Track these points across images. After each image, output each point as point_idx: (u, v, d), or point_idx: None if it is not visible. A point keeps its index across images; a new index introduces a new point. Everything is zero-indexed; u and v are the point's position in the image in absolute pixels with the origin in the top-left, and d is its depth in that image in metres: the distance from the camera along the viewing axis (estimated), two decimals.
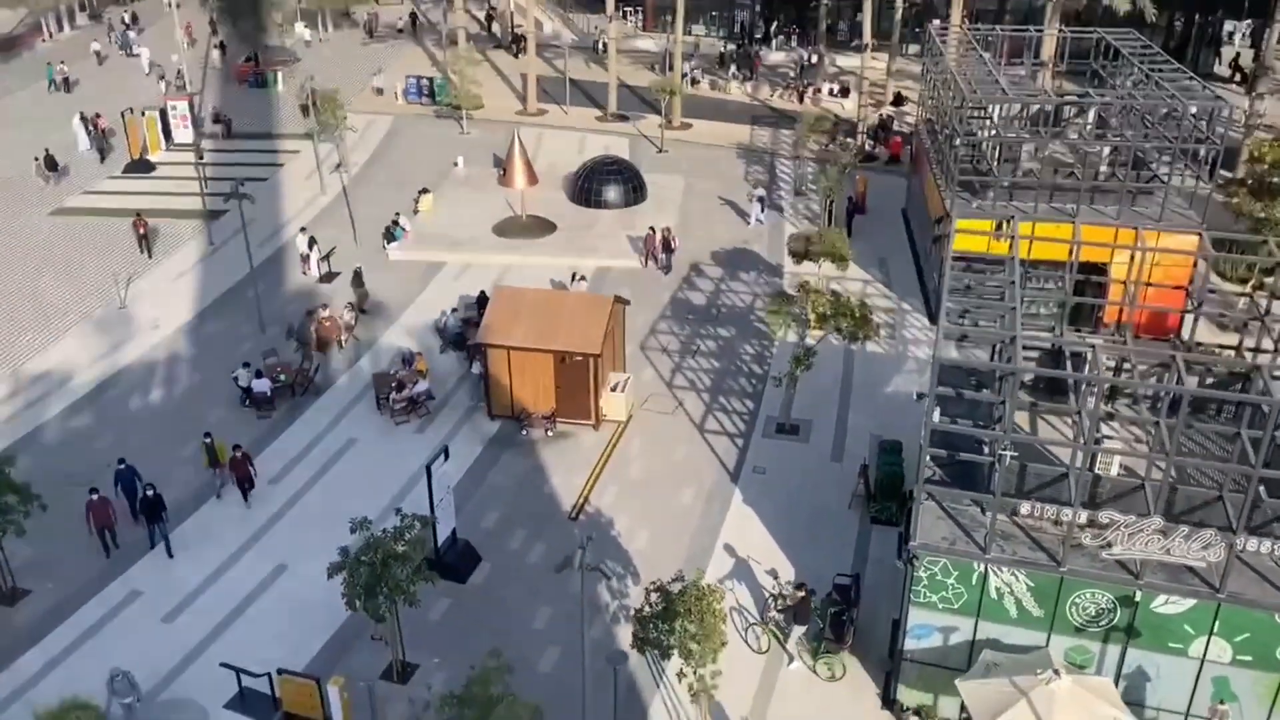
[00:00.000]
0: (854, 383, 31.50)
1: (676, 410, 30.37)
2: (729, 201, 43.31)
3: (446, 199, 43.89)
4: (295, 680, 20.65)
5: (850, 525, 25.74)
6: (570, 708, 20.58)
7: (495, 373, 29.30)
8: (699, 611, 18.18)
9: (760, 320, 34.89)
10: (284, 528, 26.07)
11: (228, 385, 31.25)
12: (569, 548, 25.05)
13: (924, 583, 19.40)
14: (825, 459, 28.25)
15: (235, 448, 26.51)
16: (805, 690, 21.42)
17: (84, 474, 27.59)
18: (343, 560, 20.48)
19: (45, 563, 24.82)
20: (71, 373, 32.39)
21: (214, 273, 38.50)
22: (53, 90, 57.40)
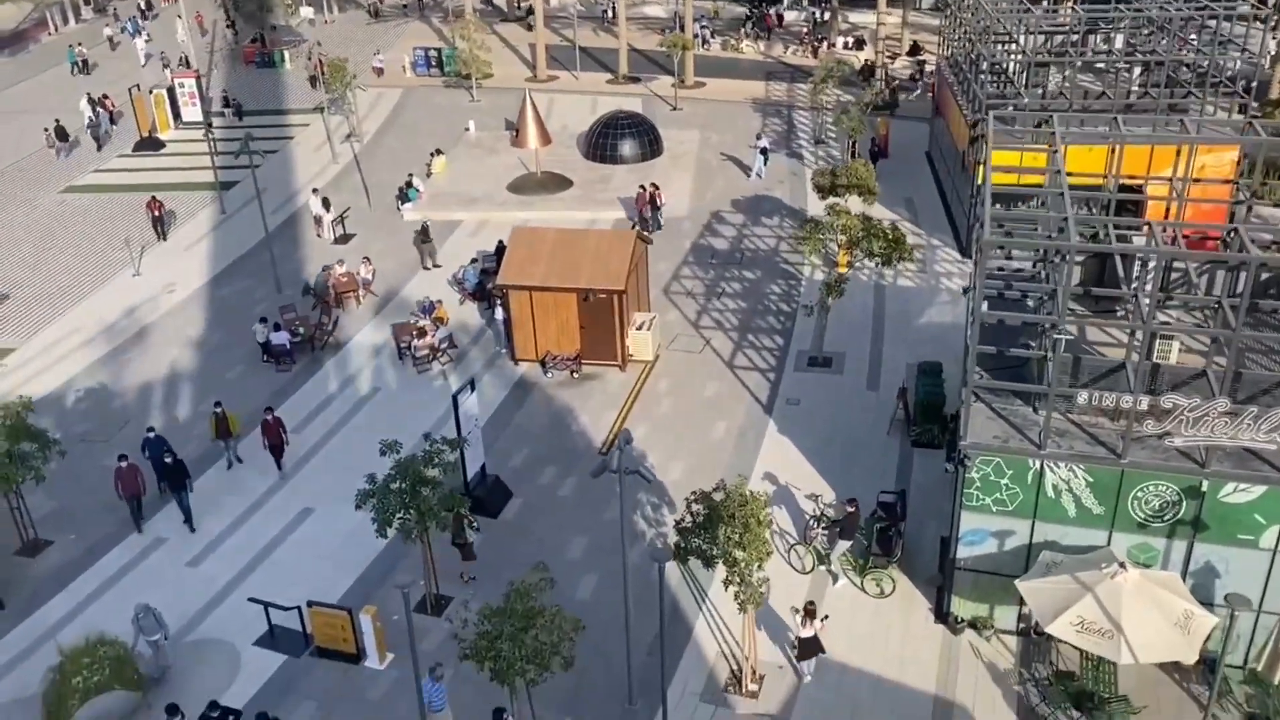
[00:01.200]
0: (886, 315, 30.66)
1: (704, 349, 29.57)
2: (752, 149, 42.39)
3: (459, 160, 43.27)
4: (326, 612, 19.96)
5: (890, 450, 24.90)
6: (611, 629, 19.88)
7: (517, 316, 28.56)
8: (742, 518, 17.37)
9: (786, 261, 34.12)
10: (309, 474, 25.43)
11: (246, 343, 30.66)
12: (601, 480, 24.59)
13: (976, 485, 18.55)
14: (860, 389, 27.42)
15: (267, 410, 25.17)
16: (853, 608, 20.60)
17: (100, 432, 27.28)
18: (371, 487, 19.78)
19: (65, 516, 24.32)
20: (87, 336, 31.86)
21: (227, 239, 37.94)
22: (75, 73, 57.29)
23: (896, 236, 26.43)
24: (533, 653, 16.44)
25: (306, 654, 20.23)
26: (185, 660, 20.03)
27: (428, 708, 17.48)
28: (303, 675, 19.79)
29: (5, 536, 23.04)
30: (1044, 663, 19.00)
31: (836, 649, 19.66)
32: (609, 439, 26.05)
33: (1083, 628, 16.64)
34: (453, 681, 19.41)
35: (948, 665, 19.21)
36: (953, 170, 36.40)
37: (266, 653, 20.28)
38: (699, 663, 19.62)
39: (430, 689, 17.55)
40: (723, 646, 19.95)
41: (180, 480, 23.54)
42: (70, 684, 18.28)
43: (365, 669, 19.86)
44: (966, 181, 33.25)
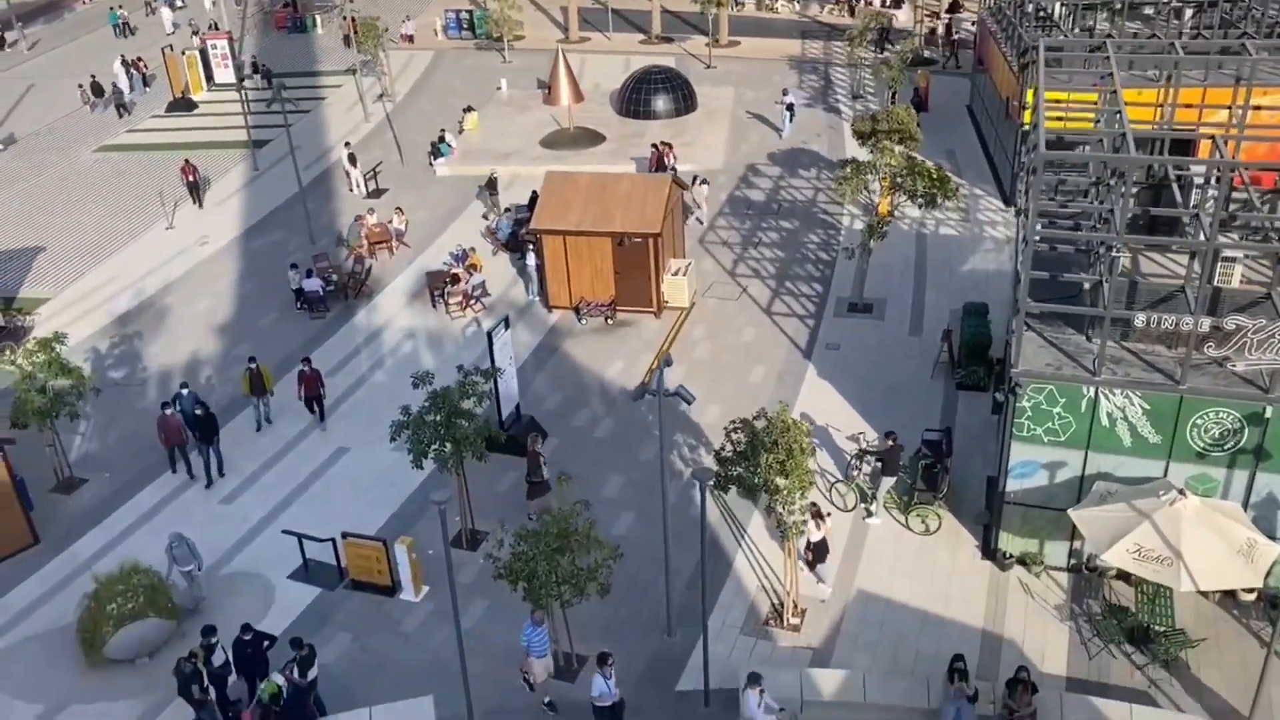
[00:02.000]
0: (928, 264, 30.00)
1: (741, 296, 29.05)
2: (777, 105, 41.64)
3: (491, 118, 42.86)
4: (361, 543, 19.70)
5: (934, 393, 24.30)
6: (649, 564, 19.54)
7: (551, 262, 28.14)
8: (785, 444, 16.88)
9: (825, 211, 33.48)
10: (342, 417, 25.19)
11: (279, 292, 30.51)
12: (637, 422, 24.25)
13: (1027, 414, 17.94)
14: (902, 334, 26.81)
15: (305, 361, 24.60)
16: (898, 545, 20.10)
17: (134, 377, 27.22)
18: (406, 419, 19.47)
19: (100, 456, 24.26)
20: (121, 286, 31.81)
21: (260, 194, 37.77)
22: (117, 35, 57.62)
23: (940, 176, 25.74)
24: (568, 575, 16.11)
25: (341, 587, 20.00)
26: (218, 592, 19.86)
27: (527, 652, 16.91)
28: (337, 607, 19.56)
29: (42, 474, 22.96)
30: (1096, 599, 18.42)
31: (879, 584, 19.21)
32: (645, 379, 25.66)
33: (1140, 555, 16.05)
34: (487, 612, 19.17)
35: (996, 600, 18.67)
36: (996, 121, 35.57)
37: (300, 585, 20.08)
38: (739, 597, 19.20)
39: (531, 633, 16.85)
40: (763, 581, 19.52)
41: (211, 432, 22.91)
42: (105, 610, 18.13)
43: (400, 601, 19.61)
44: (1011, 130, 32.46)
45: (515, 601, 19.07)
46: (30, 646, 19.17)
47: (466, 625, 16.43)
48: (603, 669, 15.98)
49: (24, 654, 19.03)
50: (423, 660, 18.32)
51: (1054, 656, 17.47)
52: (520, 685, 17.65)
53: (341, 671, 18.09)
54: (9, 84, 51.87)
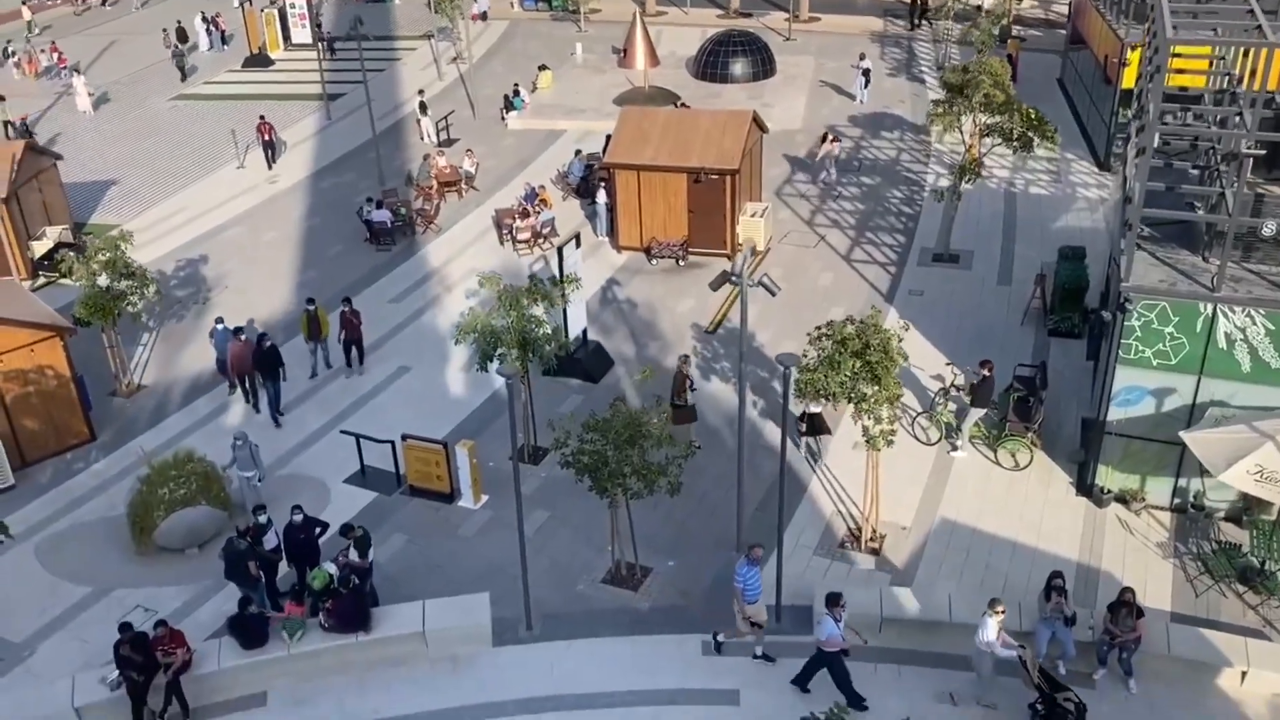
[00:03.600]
0: (1018, 220, 28.73)
1: (819, 244, 28.00)
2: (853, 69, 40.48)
3: (565, 78, 42.32)
4: (420, 446, 18.97)
5: (1024, 339, 23.02)
6: (717, 486, 18.61)
7: (623, 199, 27.32)
8: (879, 343, 15.82)
9: (908, 170, 32.32)
10: (404, 340, 24.63)
11: (347, 226, 30.13)
12: (708, 354, 23.32)
13: (1136, 334, 16.68)
14: (991, 283, 25.58)
15: (345, 301, 23.11)
16: (985, 479, 18.89)
17: (198, 296, 26.93)
18: (472, 319, 18.73)
19: (160, 365, 23.92)
20: (188, 217, 31.67)
21: (332, 140, 37.58)
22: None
23: (1039, 117, 24.52)
24: (639, 468, 15.19)
25: (398, 493, 19.30)
26: (273, 491, 19.19)
27: (740, 596, 14.86)
28: (393, 511, 18.86)
29: (102, 378, 22.64)
30: (1204, 539, 17.03)
31: (964, 514, 18.05)
32: (717, 319, 24.77)
33: (1262, 476, 14.73)
34: (548, 523, 18.31)
35: (1092, 535, 17.40)
36: (1091, 87, 34.18)
37: (357, 490, 19.45)
38: (813, 520, 18.16)
39: (745, 573, 14.78)
40: (839, 507, 18.44)
41: (273, 367, 21.49)
42: (156, 495, 17.63)
43: (458, 508, 18.85)
44: (1108, 97, 31.20)
45: (575, 512, 18.47)
46: (82, 533, 18.76)
47: (526, 533, 15.58)
48: (833, 610, 14.06)
49: (75, 540, 18.63)
50: (479, 565, 17.51)
51: (1157, 592, 16.15)
52: (583, 591, 16.79)
53: (395, 571, 17.36)
54: (112, 37, 52.53)
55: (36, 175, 28.55)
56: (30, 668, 15.95)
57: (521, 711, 14.69)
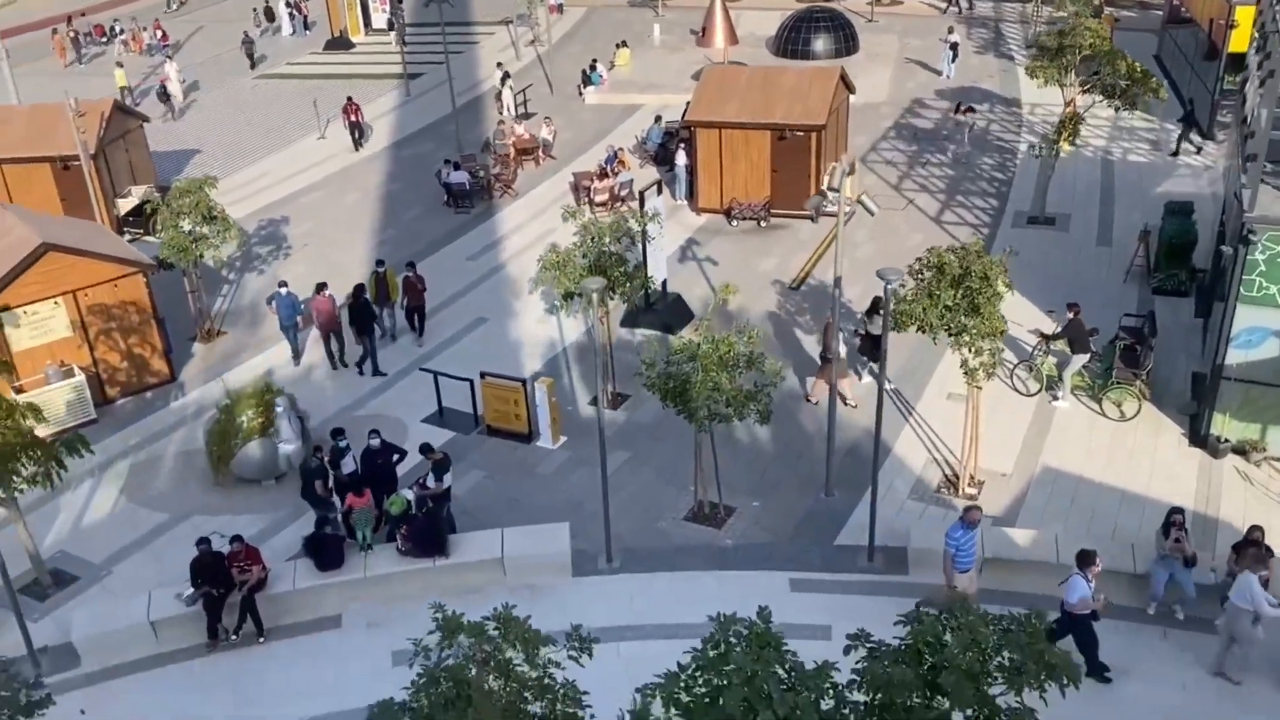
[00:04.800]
0: (1116, 185, 27.56)
1: (907, 207, 27.13)
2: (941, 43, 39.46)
3: (643, 57, 41.99)
4: (499, 384, 18.57)
5: (1128, 298, 21.92)
6: (806, 427, 17.91)
7: (704, 159, 26.75)
8: (980, 270, 15.00)
9: (1000, 139, 31.25)
10: (484, 291, 24.37)
11: (426, 190, 30.04)
12: (790, 311, 22.62)
13: (1260, 269, 15.63)
14: (1089, 245, 24.55)
15: (409, 265, 22.30)
16: (1089, 429, 17.90)
17: (278, 253, 27.00)
18: (555, 253, 18.32)
19: (239, 316, 23.94)
20: (270, 182, 31.87)
21: (410, 114, 37.70)
22: None
23: (1144, 71, 23.42)
24: (728, 393, 14.55)
25: (475, 433, 18.91)
26: (351, 431, 18.89)
27: (950, 561, 13.37)
28: (471, 449, 18.49)
29: (183, 324, 22.68)
30: None
31: (1069, 462, 17.08)
32: (801, 275, 24.06)
33: None
34: (627, 464, 17.75)
35: (1208, 486, 16.31)
36: (1194, 60, 32.87)
37: (434, 429, 19.08)
38: (906, 466, 17.36)
39: (960, 537, 13.28)
40: (933, 454, 17.60)
41: (367, 322, 20.90)
42: (235, 423, 17.45)
43: (536, 448, 18.40)
44: (1210, 70, 29.96)
45: (656, 455, 17.95)
46: (160, 464, 18.71)
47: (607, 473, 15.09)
48: (1085, 570, 12.69)
49: (154, 471, 18.59)
50: (557, 501, 17.00)
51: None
52: (664, 528, 16.21)
53: (472, 506, 16.94)
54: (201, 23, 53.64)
55: (124, 135, 28.91)
56: (107, 586, 15.84)
57: (605, 639, 14.06)
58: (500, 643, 8.25)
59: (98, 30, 49.62)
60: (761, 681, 7.50)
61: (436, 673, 8.12)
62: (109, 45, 48.36)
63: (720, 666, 7.87)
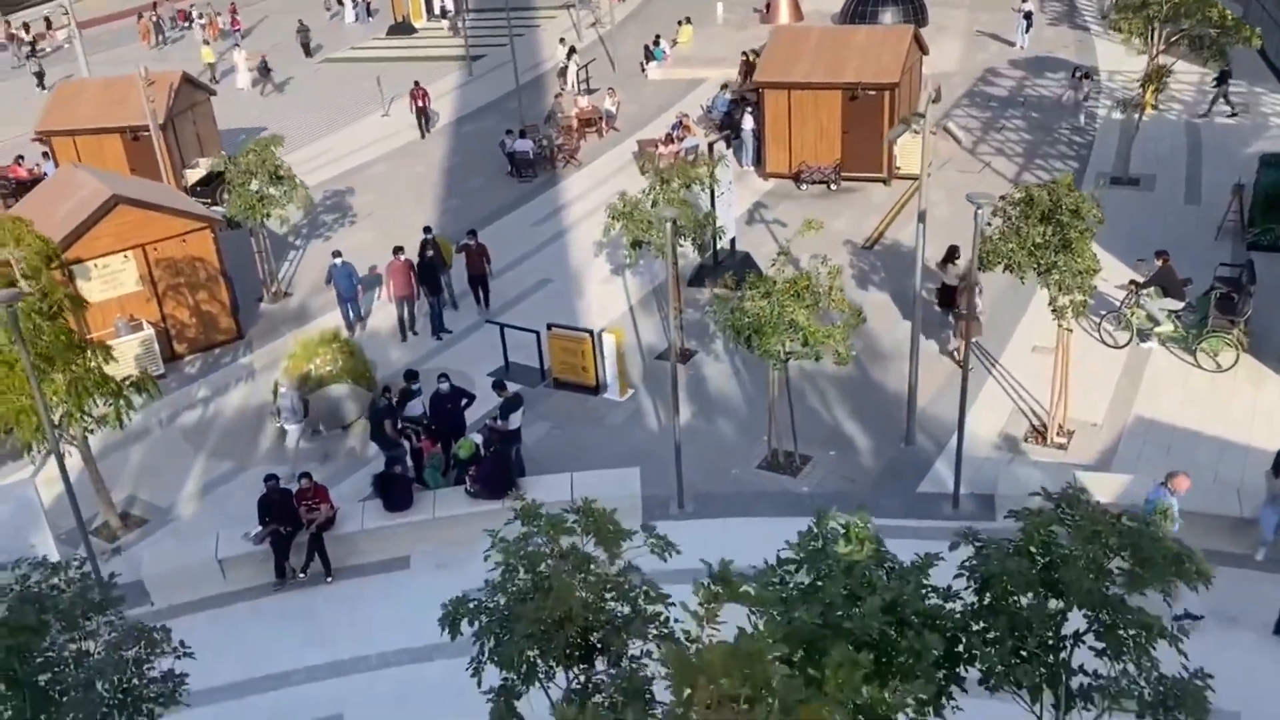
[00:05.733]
0: (1203, 146, 26.47)
1: (983, 170, 26.29)
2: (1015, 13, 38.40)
3: (706, 34, 41.51)
4: (566, 335, 18.24)
5: (1219, 254, 20.81)
6: (884, 377, 17.31)
7: (772, 120, 26.15)
8: (1071, 203, 14.30)
9: (1078, 104, 30.26)
10: (549, 254, 24.12)
11: (489, 162, 29.86)
12: (864, 270, 22.00)
13: None
14: (1177, 203, 23.56)
15: (469, 234, 21.43)
16: (1184, 379, 17.06)
17: (341, 221, 27.02)
18: (624, 201, 17.94)
19: (306, 279, 23.90)
20: (333, 156, 31.95)
21: (473, 92, 37.71)
22: None
23: (1236, 20, 22.41)
24: (808, 332, 14.01)
25: (542, 386, 18.57)
26: None
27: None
28: (537, 401, 18.11)
29: (250, 286, 22.69)
30: None
31: (1162, 411, 16.35)
32: (874, 236, 23.42)
33: None
34: (695, 417, 17.28)
35: None
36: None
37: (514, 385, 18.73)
38: (991, 415, 16.70)
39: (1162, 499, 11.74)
40: (1019, 404, 16.88)
41: (435, 279, 20.62)
42: (302, 370, 17.29)
43: (604, 400, 18.01)
44: None
45: (728, 407, 17.49)
46: (228, 416, 18.65)
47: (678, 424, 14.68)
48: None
49: (221, 422, 18.54)
50: (626, 450, 16.60)
51: None
52: (737, 476, 15.75)
53: (540, 455, 16.59)
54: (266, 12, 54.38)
55: (192, 107, 29.15)
56: (175, 529, 15.76)
57: (672, 581, 13.61)
58: (579, 532, 7.83)
59: (180, 15, 50.98)
60: (863, 569, 6.99)
61: (514, 560, 7.70)
62: (190, 29, 49.46)
63: (819, 561, 7.38)
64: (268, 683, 12.73)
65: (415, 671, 12.60)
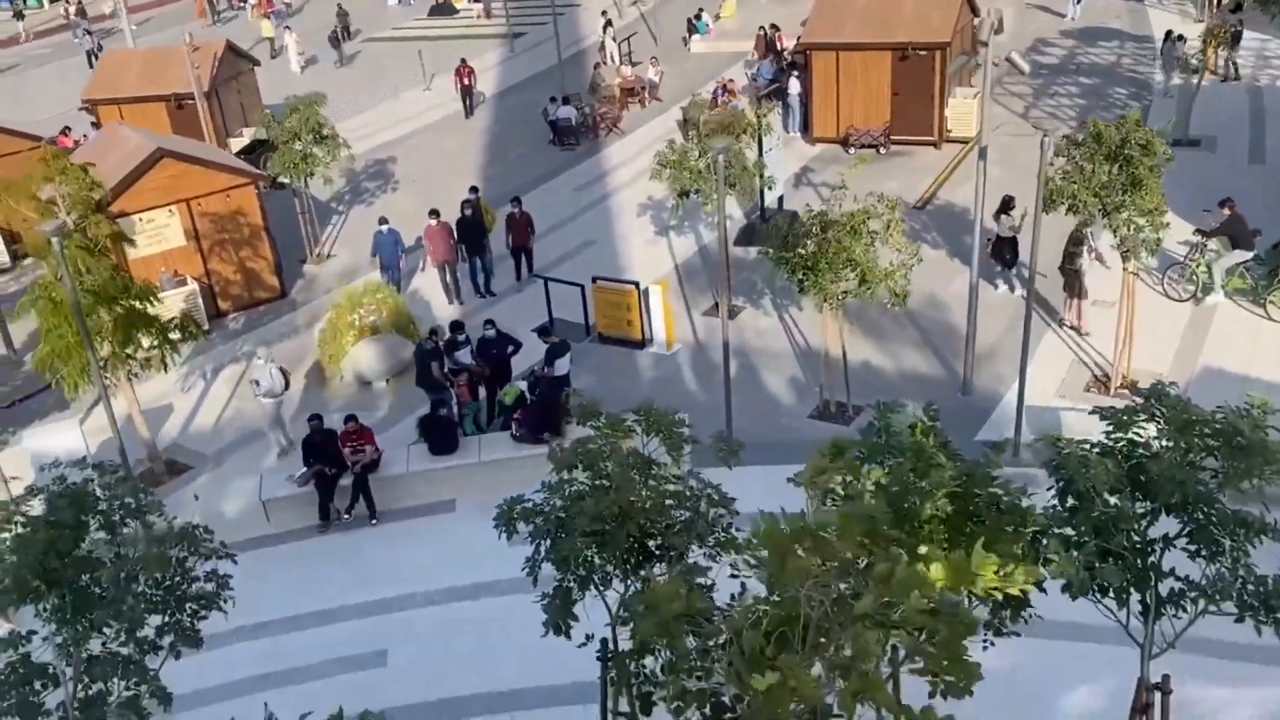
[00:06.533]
0: (1265, 110, 25.60)
1: (1035, 135, 25.60)
2: None
3: (749, 7, 41.00)
4: (611, 288, 17.95)
5: None
6: (934, 333, 16.81)
7: (819, 84, 25.66)
8: (1140, 139, 13.77)
9: (1133, 71, 29.47)
10: (591, 215, 23.85)
11: (531, 132, 29.67)
12: (916, 229, 21.49)
13: None
14: (1241, 163, 22.82)
15: (514, 201, 20.84)
16: (1254, 331, 16.44)
17: (383, 188, 26.91)
18: (672, 149, 17.61)
19: (349, 242, 23.79)
20: (376, 129, 31.87)
21: (515, 67, 37.55)
22: None
23: None
24: (865, 267, 13.61)
25: (587, 341, 18.28)
26: None
27: None
28: (583, 355, 17.83)
29: (293, 248, 22.61)
30: None
31: (1230, 363, 15.70)
32: (926, 195, 22.89)
33: None
34: (742, 371, 16.90)
35: None
36: None
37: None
38: (1051, 366, 16.21)
39: None
40: (1081, 355, 16.34)
41: (478, 241, 20.23)
42: (346, 319, 17.13)
43: (650, 353, 17.70)
44: None
45: (778, 359, 17.10)
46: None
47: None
48: None
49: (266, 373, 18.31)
50: (672, 403, 15.72)
51: None
52: (788, 425, 15.37)
53: None
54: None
55: (236, 76, 29.18)
56: (218, 475, 15.63)
57: None
58: (640, 433, 7.51)
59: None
60: (930, 455, 6.62)
61: (573, 459, 7.40)
62: (244, 8, 49.86)
63: (882, 455, 7.01)
64: (312, 620, 12.56)
65: (459, 610, 12.37)
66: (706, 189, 17.14)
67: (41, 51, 47.15)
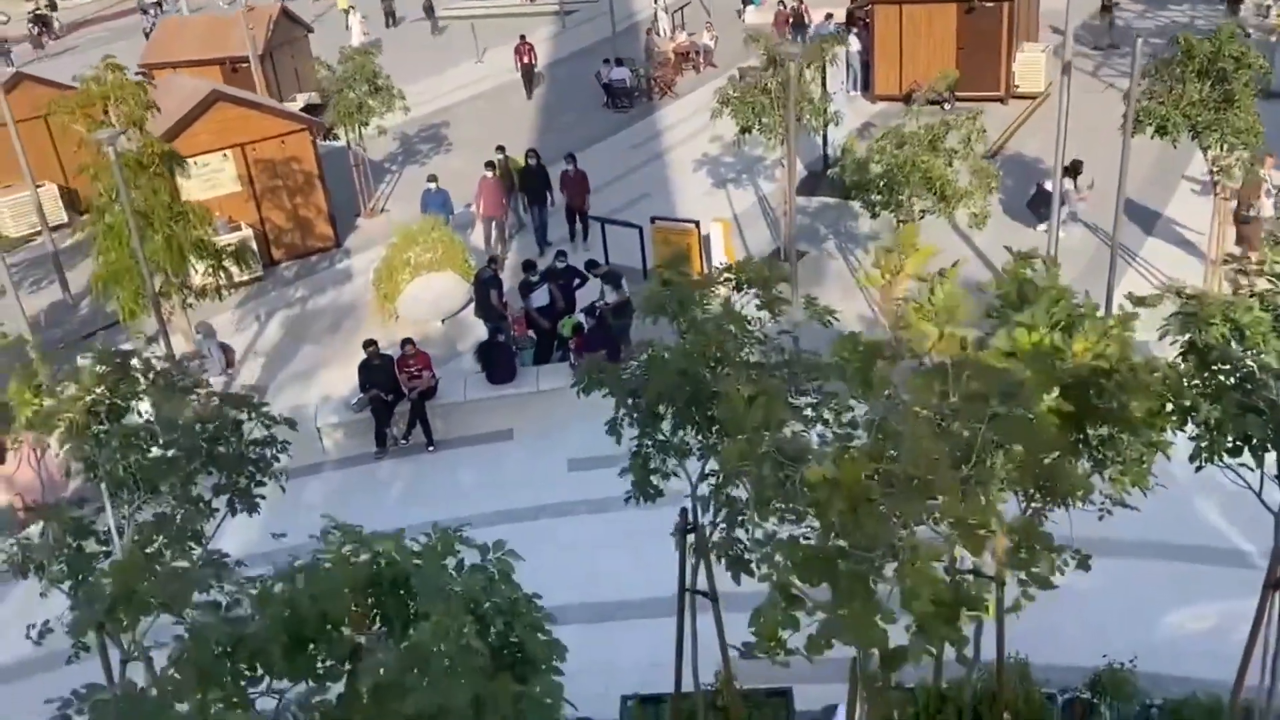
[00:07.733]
0: None
1: (1107, 90, 24.79)
2: None
3: None
4: (669, 227, 17.50)
5: None
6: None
7: (882, 39, 25.03)
8: (1231, 53, 13.06)
9: (1205, 32, 28.44)
10: (646, 171, 23.45)
11: (584, 97, 29.35)
12: None
13: None
14: None
15: (568, 158, 20.20)
16: None
17: (437, 149, 26.70)
18: (730, 92, 17.15)
19: (401, 200, 23.52)
20: (431, 96, 31.68)
21: (567, 40, 37.32)
22: None
23: None
24: (942, 183, 13.02)
25: (645, 284, 17.80)
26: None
27: None
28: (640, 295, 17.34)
29: (348, 201, 22.40)
30: None
31: None
32: (995, 147, 22.15)
33: None
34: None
35: None
36: None
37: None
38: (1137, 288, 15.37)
39: None
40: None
41: (541, 191, 19.94)
42: (402, 257, 16.81)
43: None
44: None
45: (841, 296, 16.50)
46: (326, 312, 18.33)
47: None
48: None
49: (320, 317, 18.25)
50: None
51: None
52: None
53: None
54: None
55: (290, 41, 29.14)
56: (273, 407, 15.28)
57: None
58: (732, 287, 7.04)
59: None
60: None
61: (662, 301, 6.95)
62: None
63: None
64: None
65: (516, 529, 11.91)
66: (771, 120, 16.60)
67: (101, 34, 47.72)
